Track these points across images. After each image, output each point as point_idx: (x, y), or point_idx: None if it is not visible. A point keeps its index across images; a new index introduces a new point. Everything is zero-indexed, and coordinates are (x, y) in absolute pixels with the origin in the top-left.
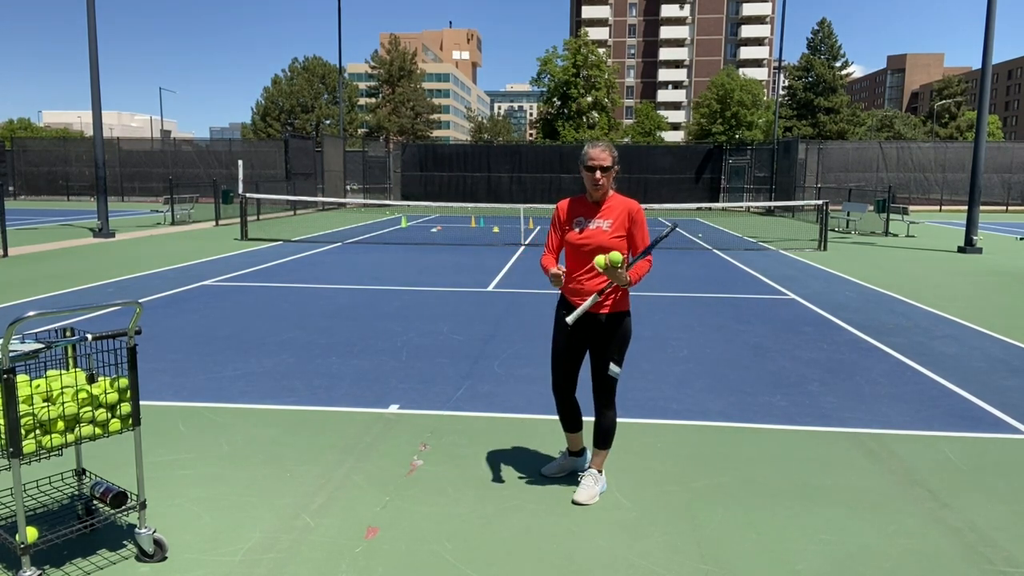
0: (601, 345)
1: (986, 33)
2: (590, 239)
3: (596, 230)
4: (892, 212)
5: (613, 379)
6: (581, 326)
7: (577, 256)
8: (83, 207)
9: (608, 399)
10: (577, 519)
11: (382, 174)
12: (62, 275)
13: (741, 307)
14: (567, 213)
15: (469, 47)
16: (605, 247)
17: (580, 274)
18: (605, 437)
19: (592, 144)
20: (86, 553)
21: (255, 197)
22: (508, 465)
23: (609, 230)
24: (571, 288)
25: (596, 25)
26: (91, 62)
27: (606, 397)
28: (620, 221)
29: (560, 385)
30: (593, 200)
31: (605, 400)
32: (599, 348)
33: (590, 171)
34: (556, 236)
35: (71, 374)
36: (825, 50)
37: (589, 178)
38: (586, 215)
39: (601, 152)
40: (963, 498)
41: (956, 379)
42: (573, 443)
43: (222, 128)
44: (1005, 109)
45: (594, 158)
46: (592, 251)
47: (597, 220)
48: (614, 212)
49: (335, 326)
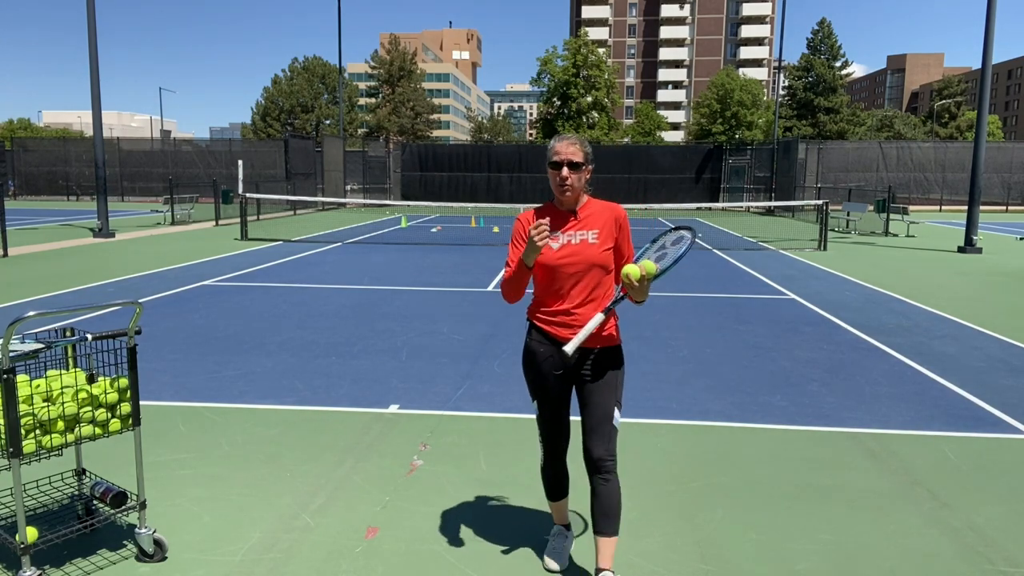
0: (600, 385)
1: (986, 33)
2: (576, 256)
3: (581, 244)
4: (892, 212)
5: (616, 431)
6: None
7: (557, 280)
8: (83, 207)
9: (613, 460)
10: (577, 519)
11: (382, 174)
12: (62, 275)
13: (741, 307)
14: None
15: (469, 47)
16: (599, 264)
17: (563, 304)
18: (614, 516)
19: (559, 137)
20: (86, 553)
21: (255, 197)
22: (508, 465)
23: (597, 241)
24: (555, 321)
25: (596, 25)
26: (91, 62)
27: (610, 457)
28: (607, 230)
29: (558, 444)
30: (566, 208)
31: (609, 461)
32: (598, 389)
33: (555, 168)
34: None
35: (71, 374)
36: (825, 50)
37: (555, 177)
38: (562, 227)
39: (569, 145)
40: (963, 498)
41: (956, 379)
42: (563, 513)
43: (222, 128)
44: (1005, 109)
45: (560, 152)
46: (581, 271)
47: (579, 232)
48: (598, 220)
49: (335, 326)
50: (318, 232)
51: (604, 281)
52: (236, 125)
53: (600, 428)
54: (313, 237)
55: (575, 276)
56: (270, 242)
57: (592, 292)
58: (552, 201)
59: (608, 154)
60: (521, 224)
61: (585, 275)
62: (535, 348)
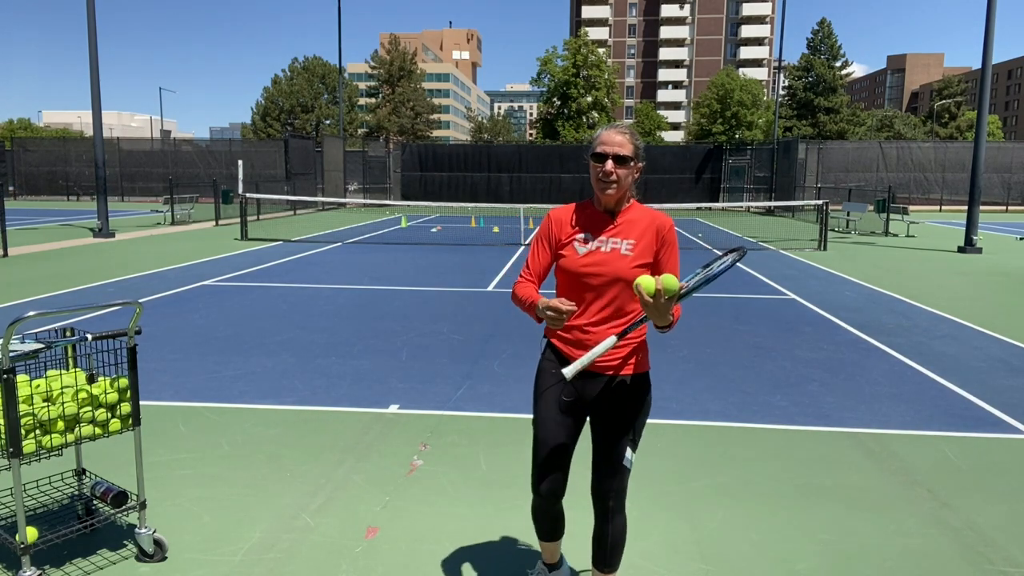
0: (614, 420)
1: (986, 33)
2: (603, 267)
3: (612, 253)
4: (892, 212)
5: (627, 470)
6: (583, 392)
7: (577, 290)
8: (83, 207)
9: (620, 498)
10: (577, 519)
11: (382, 174)
12: (62, 275)
13: (741, 307)
14: (565, 225)
15: (469, 47)
16: (628, 280)
17: (580, 318)
18: (614, 554)
19: (609, 126)
20: (86, 553)
21: (255, 197)
22: (508, 465)
23: (631, 254)
24: (567, 337)
25: (596, 25)
26: (91, 62)
27: (616, 495)
28: (646, 242)
29: (552, 481)
30: (605, 209)
31: (614, 499)
32: (611, 425)
33: (599, 160)
34: (544, 256)
35: (71, 374)
36: (825, 50)
37: (596, 171)
38: (594, 230)
39: (617, 134)
40: (963, 498)
41: (956, 379)
42: (553, 553)
43: (222, 128)
44: (1005, 109)
45: (606, 142)
46: (604, 285)
47: (612, 239)
48: (636, 229)
49: (335, 326)
50: (318, 232)
51: (632, 301)
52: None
53: (607, 467)
54: (313, 237)
55: (598, 289)
56: (270, 242)
57: (615, 311)
58: (591, 199)
59: None
60: (551, 222)
61: (609, 290)
62: (545, 367)
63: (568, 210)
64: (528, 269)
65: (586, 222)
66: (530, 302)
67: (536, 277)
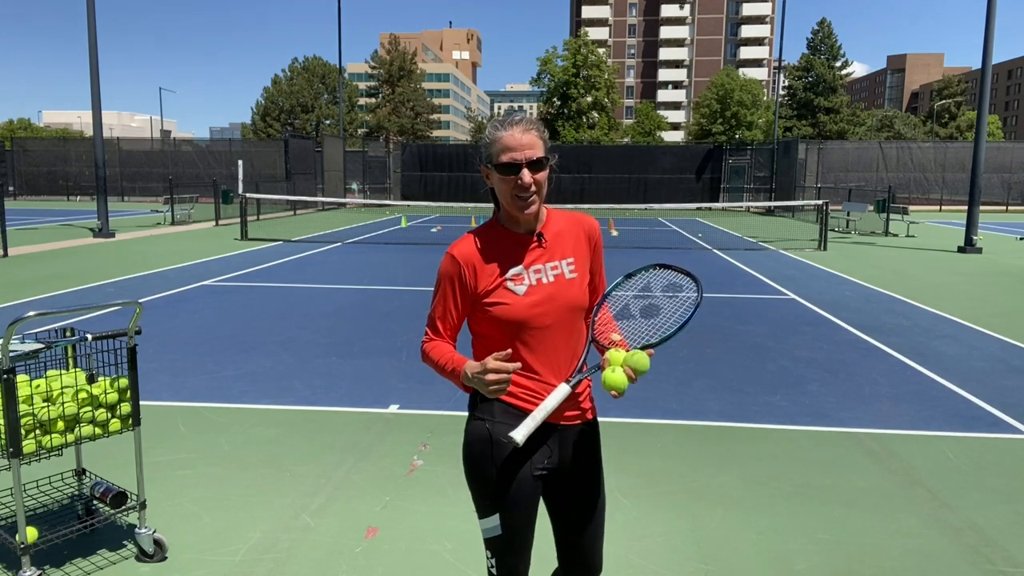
0: (583, 486)
1: (986, 33)
2: (554, 302)
3: (557, 282)
4: (892, 212)
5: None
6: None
7: (520, 337)
8: (83, 207)
9: (599, 559)
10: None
11: (382, 174)
12: (62, 275)
13: (741, 307)
14: (480, 267)
15: (469, 47)
16: (582, 307)
17: (535, 367)
18: None
19: (506, 122)
20: (86, 553)
21: (255, 197)
22: None
23: (576, 275)
24: (519, 392)
25: (596, 25)
26: (91, 62)
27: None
28: (582, 255)
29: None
30: (524, 229)
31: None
32: (582, 493)
33: (510, 172)
34: (459, 309)
35: (71, 374)
36: (825, 50)
37: (511, 185)
38: (523, 260)
39: (524, 134)
40: (963, 498)
41: (956, 379)
42: None
43: (222, 128)
44: (1005, 109)
45: (513, 146)
46: (559, 321)
47: (548, 264)
48: (569, 241)
49: (335, 326)
50: (318, 232)
51: (582, 328)
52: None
53: (589, 541)
54: (313, 237)
55: (547, 328)
56: (270, 242)
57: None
58: (496, 218)
59: (608, 154)
60: (462, 268)
61: (564, 325)
62: (499, 433)
63: (472, 245)
64: (436, 326)
65: (506, 253)
66: (452, 368)
67: (448, 335)
